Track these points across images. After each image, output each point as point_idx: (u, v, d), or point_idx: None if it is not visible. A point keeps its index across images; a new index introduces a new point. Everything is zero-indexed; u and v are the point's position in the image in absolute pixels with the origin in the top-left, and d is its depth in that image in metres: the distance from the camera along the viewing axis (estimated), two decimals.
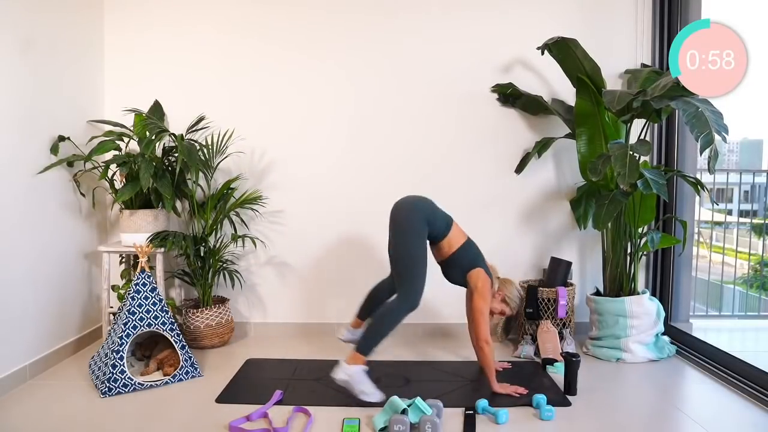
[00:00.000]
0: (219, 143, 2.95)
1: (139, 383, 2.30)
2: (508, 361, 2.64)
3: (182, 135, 2.83)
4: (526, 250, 3.20)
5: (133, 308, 2.36)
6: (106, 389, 2.21)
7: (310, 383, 2.39)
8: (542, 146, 3.00)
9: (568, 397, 2.24)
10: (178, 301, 3.07)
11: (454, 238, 2.36)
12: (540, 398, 2.11)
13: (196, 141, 2.93)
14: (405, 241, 2.25)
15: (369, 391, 2.16)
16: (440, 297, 2.90)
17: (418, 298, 2.21)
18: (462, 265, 2.37)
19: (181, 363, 2.41)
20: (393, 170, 3.14)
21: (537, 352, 2.74)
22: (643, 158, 2.57)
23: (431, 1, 3.10)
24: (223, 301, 3.02)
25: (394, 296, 2.25)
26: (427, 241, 2.31)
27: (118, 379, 2.24)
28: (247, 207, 3.04)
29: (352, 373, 2.13)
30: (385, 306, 2.30)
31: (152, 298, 2.41)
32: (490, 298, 2.36)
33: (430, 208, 2.35)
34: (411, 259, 2.23)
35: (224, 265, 3.02)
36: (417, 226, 2.25)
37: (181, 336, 2.46)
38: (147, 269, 2.45)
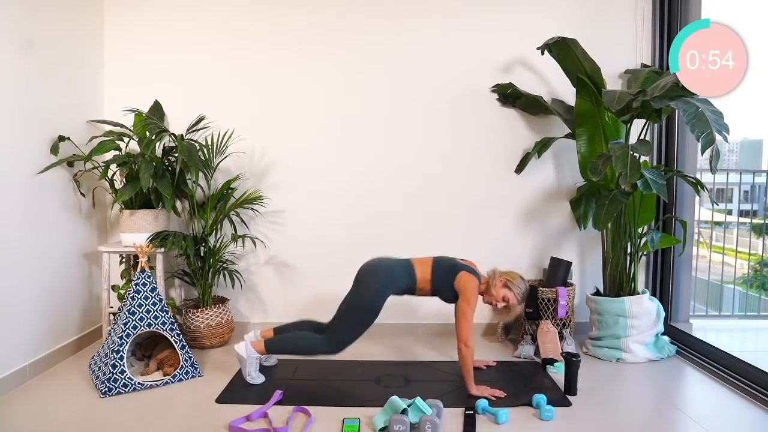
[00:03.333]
0: (219, 143, 2.95)
1: (139, 383, 2.30)
2: (500, 361, 2.65)
3: (182, 135, 2.83)
4: (526, 250, 3.20)
5: (133, 308, 2.36)
6: (106, 389, 2.21)
7: (310, 383, 2.39)
8: (542, 146, 3.00)
9: (568, 397, 2.24)
10: (178, 301, 3.07)
11: (422, 275, 2.39)
12: (540, 398, 2.11)
13: (196, 141, 2.93)
14: (365, 297, 2.32)
15: (254, 376, 2.37)
16: None
17: (343, 348, 2.32)
18: (446, 284, 2.37)
19: (181, 363, 2.42)
20: (393, 170, 3.14)
21: (537, 352, 2.74)
22: (643, 158, 2.57)
23: (431, 1, 3.10)
24: (223, 301, 3.02)
25: (323, 335, 2.35)
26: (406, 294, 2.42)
27: (118, 379, 2.24)
28: (247, 207, 3.04)
29: (250, 355, 2.35)
30: (311, 335, 2.39)
31: (152, 298, 2.41)
32: (476, 299, 2.33)
33: (389, 272, 2.38)
34: (360, 313, 2.32)
35: (224, 265, 3.02)
36: (381, 292, 2.33)
37: (181, 336, 2.46)
38: (147, 269, 2.45)
